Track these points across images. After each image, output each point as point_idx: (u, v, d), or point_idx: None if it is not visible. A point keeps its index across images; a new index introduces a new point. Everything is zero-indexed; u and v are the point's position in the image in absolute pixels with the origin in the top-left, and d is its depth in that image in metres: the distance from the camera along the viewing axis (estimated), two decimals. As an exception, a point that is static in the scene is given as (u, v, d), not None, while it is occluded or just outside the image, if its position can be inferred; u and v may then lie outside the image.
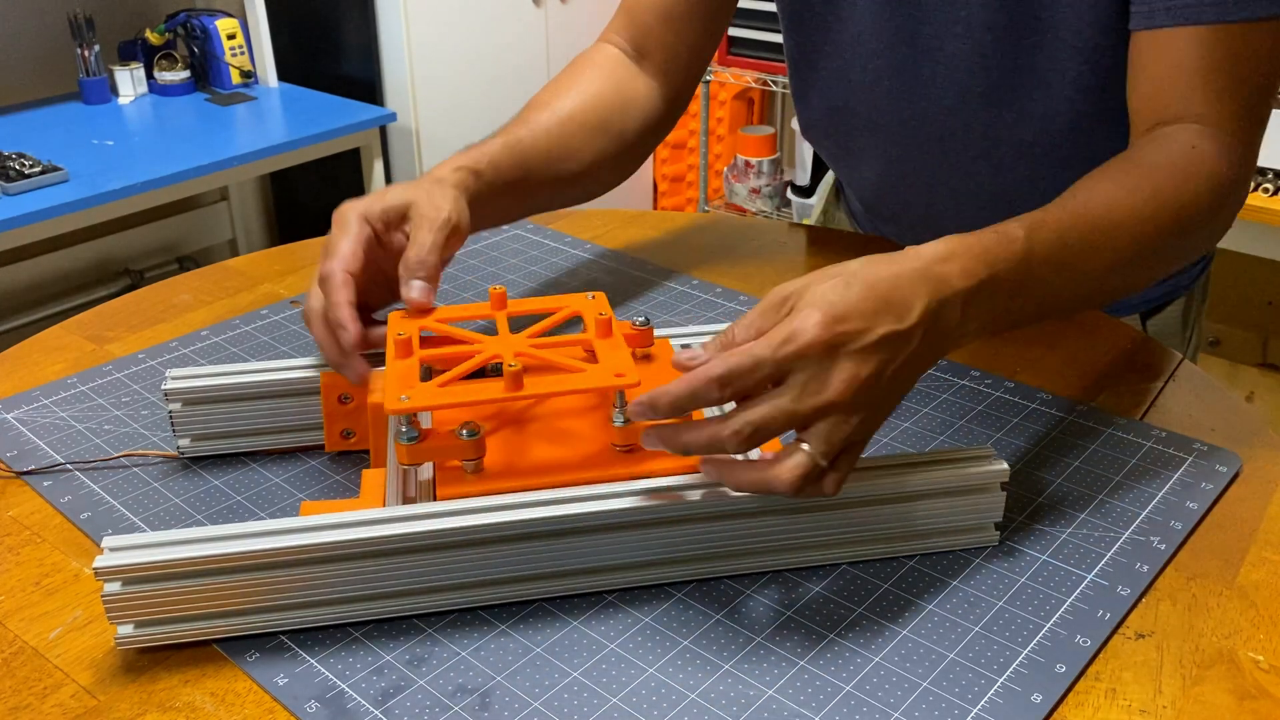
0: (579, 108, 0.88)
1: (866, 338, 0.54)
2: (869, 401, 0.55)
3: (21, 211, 1.86)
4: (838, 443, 0.55)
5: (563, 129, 0.86)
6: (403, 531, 0.56)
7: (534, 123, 0.86)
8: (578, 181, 0.89)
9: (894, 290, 0.56)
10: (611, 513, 0.58)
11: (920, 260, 0.58)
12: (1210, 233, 0.76)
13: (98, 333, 0.89)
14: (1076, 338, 0.87)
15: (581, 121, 0.88)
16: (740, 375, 0.54)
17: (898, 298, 0.56)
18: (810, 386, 0.54)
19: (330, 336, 0.68)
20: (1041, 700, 0.53)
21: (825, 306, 0.54)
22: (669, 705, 0.53)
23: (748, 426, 0.54)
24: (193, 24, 2.47)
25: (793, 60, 1.00)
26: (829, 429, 0.54)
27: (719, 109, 3.10)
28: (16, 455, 0.72)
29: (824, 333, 0.53)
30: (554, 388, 0.61)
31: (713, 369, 0.54)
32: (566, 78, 0.92)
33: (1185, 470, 0.70)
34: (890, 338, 0.55)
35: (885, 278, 0.56)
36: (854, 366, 0.54)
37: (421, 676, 0.55)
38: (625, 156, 0.92)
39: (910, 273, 0.57)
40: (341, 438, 0.71)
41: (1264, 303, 2.49)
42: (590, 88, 0.90)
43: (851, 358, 0.54)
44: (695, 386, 0.55)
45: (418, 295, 0.68)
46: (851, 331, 0.54)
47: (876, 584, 0.61)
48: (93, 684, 0.55)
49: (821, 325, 0.53)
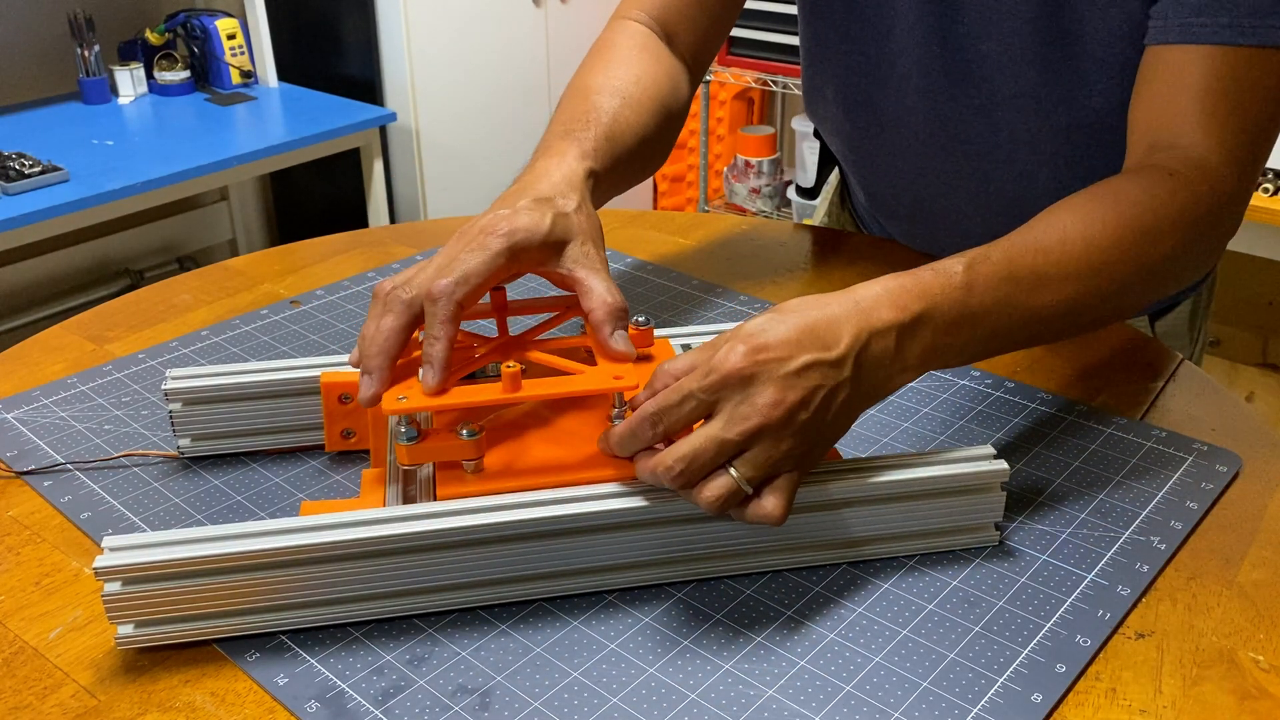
0: (633, 84, 0.84)
1: (789, 364, 0.56)
2: (800, 429, 0.56)
3: (21, 211, 1.86)
4: (764, 466, 0.56)
5: (626, 109, 0.81)
6: (403, 531, 0.56)
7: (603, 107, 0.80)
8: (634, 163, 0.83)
9: (820, 323, 0.58)
10: (611, 513, 0.58)
11: (852, 298, 0.59)
12: (1192, 262, 0.74)
13: (98, 333, 0.89)
14: (1077, 338, 0.87)
15: (636, 100, 0.83)
16: (669, 410, 0.57)
17: (824, 329, 0.57)
18: (738, 413, 0.55)
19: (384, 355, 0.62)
20: (1041, 700, 0.53)
21: (747, 338, 0.56)
22: (669, 705, 0.53)
23: (680, 461, 0.56)
24: (193, 24, 2.47)
25: (808, 52, 0.99)
26: (756, 453, 0.56)
27: (719, 109, 3.10)
28: (16, 455, 0.72)
29: (745, 361, 0.55)
30: (552, 389, 0.61)
31: (646, 408, 0.57)
32: (609, 52, 0.87)
33: (1185, 470, 0.70)
34: (814, 365, 0.56)
35: (814, 313, 0.58)
36: (777, 391, 0.55)
37: (421, 676, 0.55)
38: (670, 133, 0.88)
39: (841, 309, 0.58)
40: (341, 438, 0.71)
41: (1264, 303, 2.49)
42: (643, 69, 0.86)
43: (775, 383, 0.55)
44: (634, 427, 0.58)
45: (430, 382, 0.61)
46: (773, 359, 0.56)
47: (876, 584, 0.61)
48: (93, 684, 0.55)
49: (743, 355, 0.56)
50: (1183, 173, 0.70)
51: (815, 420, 0.57)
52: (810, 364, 0.56)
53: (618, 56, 0.86)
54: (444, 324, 0.61)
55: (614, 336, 0.64)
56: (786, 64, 2.67)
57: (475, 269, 0.62)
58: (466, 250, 0.63)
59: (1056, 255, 0.65)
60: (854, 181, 1.09)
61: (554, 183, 0.70)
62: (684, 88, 0.90)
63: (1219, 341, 2.57)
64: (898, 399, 0.78)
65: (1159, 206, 0.69)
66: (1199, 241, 0.72)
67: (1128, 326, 0.89)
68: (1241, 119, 0.71)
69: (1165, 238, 0.69)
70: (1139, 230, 0.67)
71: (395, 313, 0.62)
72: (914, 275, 0.61)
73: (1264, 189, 1.99)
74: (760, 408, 0.55)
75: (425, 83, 2.57)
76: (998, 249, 0.65)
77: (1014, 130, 0.88)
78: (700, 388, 0.56)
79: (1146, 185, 0.70)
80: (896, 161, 0.97)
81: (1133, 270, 0.68)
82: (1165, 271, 0.71)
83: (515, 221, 0.64)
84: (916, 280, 0.61)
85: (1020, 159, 0.89)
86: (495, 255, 0.63)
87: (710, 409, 0.56)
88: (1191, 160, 0.71)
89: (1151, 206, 0.68)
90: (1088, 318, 0.69)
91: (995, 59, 0.86)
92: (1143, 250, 0.68)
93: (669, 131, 0.87)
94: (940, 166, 0.94)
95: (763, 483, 0.57)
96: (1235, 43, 0.70)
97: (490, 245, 0.63)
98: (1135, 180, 0.70)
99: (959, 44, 0.87)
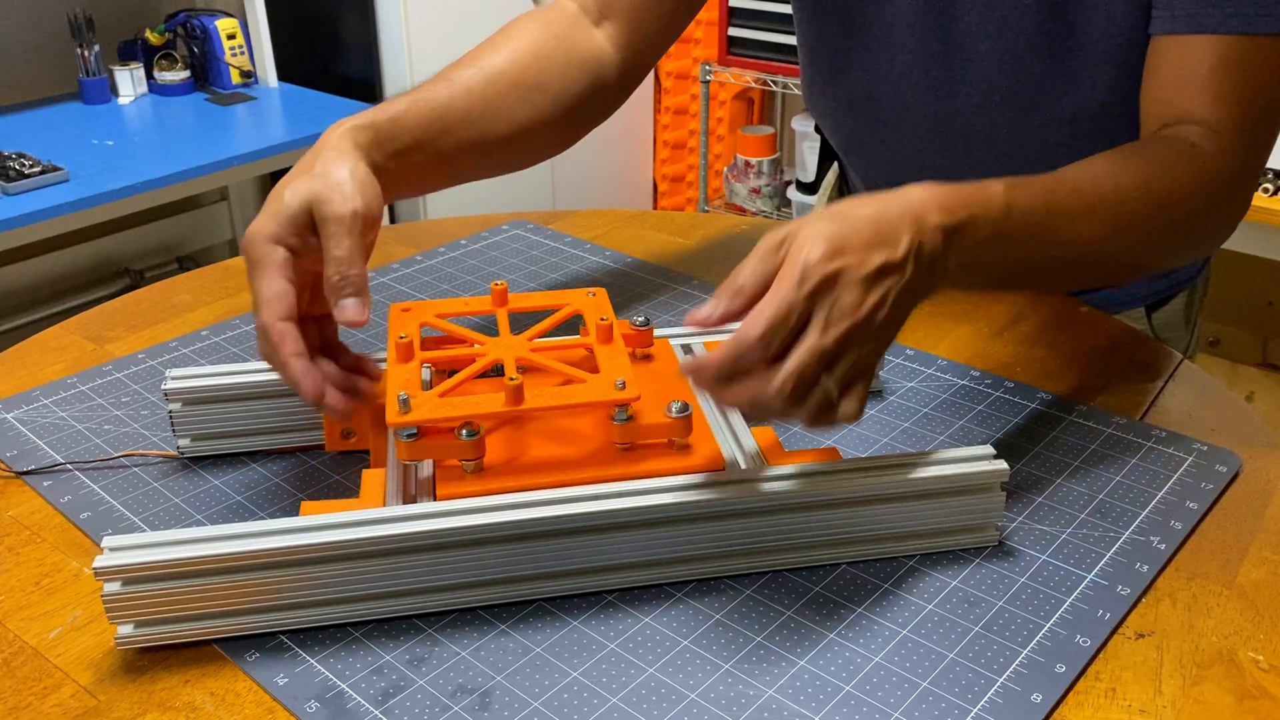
0: (511, 64, 0.80)
1: (867, 266, 0.56)
2: (877, 331, 0.57)
3: (21, 211, 1.85)
4: (850, 371, 0.56)
5: (490, 86, 0.78)
6: (403, 531, 0.56)
7: (455, 79, 0.77)
8: (509, 145, 0.81)
9: (883, 222, 0.58)
10: (611, 513, 0.58)
11: (903, 199, 0.59)
12: (1205, 233, 0.77)
13: (98, 333, 0.89)
14: (1076, 338, 0.87)
15: (513, 79, 0.79)
16: (780, 326, 0.54)
17: (886, 229, 0.57)
18: (831, 317, 0.55)
19: (300, 384, 0.62)
20: (1041, 700, 0.53)
21: (824, 242, 0.55)
22: (669, 705, 0.53)
23: (790, 379, 0.54)
24: (193, 24, 2.47)
25: (811, 48, 0.99)
26: (845, 360, 0.56)
27: (719, 109, 3.09)
28: (16, 455, 0.72)
29: (830, 264, 0.55)
30: (554, 401, 0.61)
31: (752, 330, 0.54)
32: (504, 32, 0.84)
33: (1185, 470, 0.70)
34: (886, 268, 0.57)
35: (874, 210, 0.58)
36: (862, 294, 0.55)
37: (421, 676, 0.55)
38: (566, 121, 0.84)
39: (896, 209, 0.59)
40: (341, 438, 0.71)
41: (1264, 303, 2.49)
42: (527, 43, 0.82)
43: (858, 285, 0.55)
44: (740, 351, 0.54)
45: (351, 315, 0.62)
46: (853, 262, 0.56)
47: (876, 584, 0.61)
48: (93, 684, 0.55)
49: (826, 257, 0.55)
50: (1202, 146, 0.73)
51: (889, 321, 0.57)
52: (884, 265, 0.56)
53: (504, 33, 0.83)
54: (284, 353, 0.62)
55: (337, 307, 0.62)
56: (786, 64, 2.67)
57: (263, 288, 0.63)
58: (250, 278, 0.64)
59: (1089, 196, 0.67)
60: (854, 176, 1.09)
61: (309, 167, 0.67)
62: (596, 71, 0.85)
63: (1219, 341, 2.57)
64: (898, 399, 0.78)
65: (1180, 171, 0.71)
66: (1215, 212, 0.75)
67: (1128, 326, 0.89)
68: (1250, 103, 0.74)
69: (1186, 200, 0.71)
70: (1164, 188, 0.70)
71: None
72: (958, 187, 0.61)
73: (1264, 189, 1.99)
74: (849, 311, 0.55)
75: (425, 83, 2.57)
76: (1037, 181, 0.66)
77: (1015, 125, 0.89)
78: (803, 294, 0.55)
79: (1172, 152, 0.72)
80: (897, 157, 0.97)
81: (1155, 224, 0.70)
82: (1182, 235, 0.74)
83: (259, 224, 0.64)
84: (960, 190, 0.61)
85: (1021, 153, 0.90)
86: (263, 260, 0.63)
87: (805, 320, 0.55)
88: (1208, 135, 0.73)
89: (1174, 169, 0.71)
90: (1107, 265, 0.72)
91: (996, 56, 0.86)
92: (1166, 207, 0.70)
93: (557, 110, 0.82)
94: (941, 161, 0.94)
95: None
96: (1241, 31, 0.72)
97: (258, 257, 0.63)
98: (1160, 145, 0.73)
99: (959, 42, 0.87)
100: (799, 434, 0.74)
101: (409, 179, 0.74)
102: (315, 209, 0.63)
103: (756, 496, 0.59)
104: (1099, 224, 0.68)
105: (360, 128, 0.69)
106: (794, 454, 0.66)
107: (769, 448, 0.66)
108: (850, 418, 0.57)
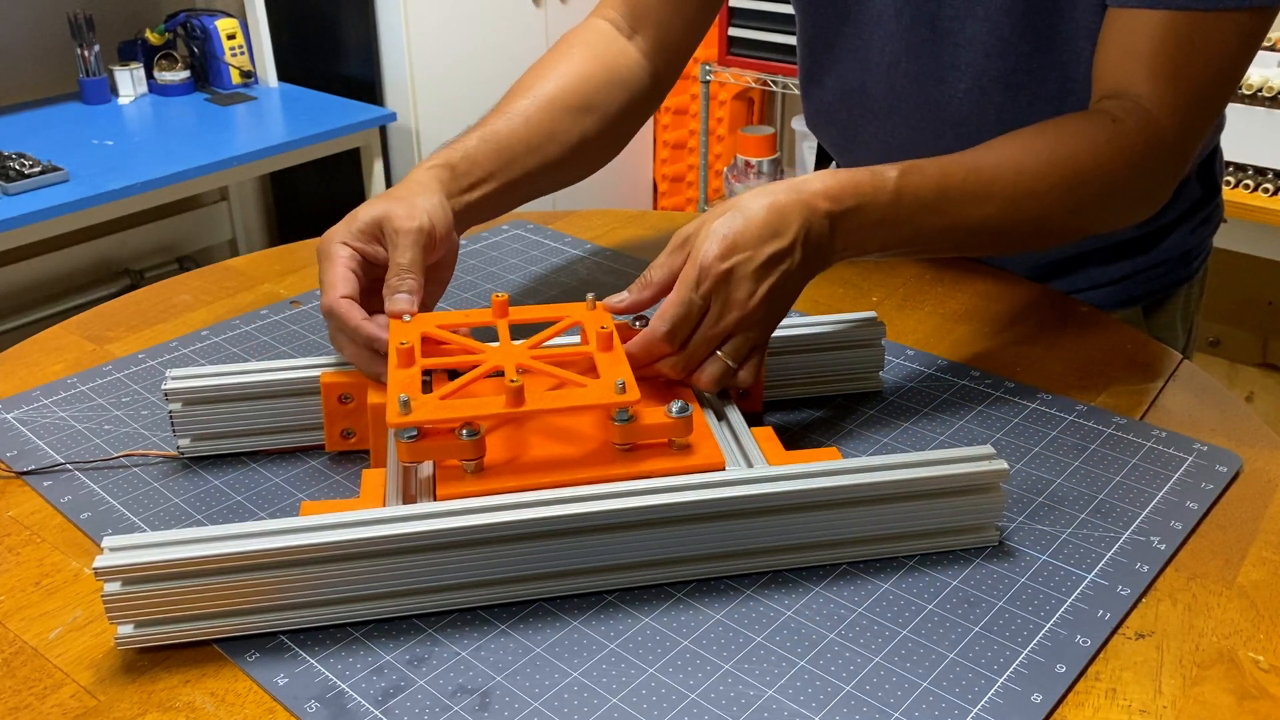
0: (561, 90, 0.87)
1: (757, 260, 0.66)
2: (768, 313, 0.67)
3: (21, 211, 1.86)
4: (745, 347, 0.67)
5: (544, 113, 0.85)
6: (403, 531, 0.56)
7: (513, 111, 0.85)
8: (565, 165, 0.87)
9: (773, 213, 0.67)
10: (611, 513, 0.58)
11: (796, 189, 0.68)
12: (1126, 203, 0.79)
13: (98, 333, 0.89)
14: (1076, 338, 0.87)
15: (564, 104, 0.86)
16: (682, 324, 0.66)
17: (777, 219, 0.67)
18: (723, 311, 0.66)
19: (366, 353, 0.68)
20: (1041, 700, 0.53)
21: (719, 240, 0.66)
22: (669, 705, 0.53)
23: (681, 359, 0.68)
24: (193, 24, 2.47)
25: (807, 43, 1.01)
26: (738, 339, 0.67)
27: (719, 109, 3.10)
28: (16, 455, 0.72)
29: (724, 263, 0.65)
30: (554, 404, 0.61)
31: (659, 327, 0.66)
32: (551, 58, 0.91)
33: (1185, 470, 0.70)
34: (776, 255, 0.66)
35: (766, 201, 0.67)
36: (753, 285, 0.66)
37: (421, 676, 0.55)
38: (610, 135, 0.91)
39: (787, 199, 0.67)
40: (341, 438, 0.71)
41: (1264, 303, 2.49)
42: (574, 67, 0.89)
43: (749, 279, 0.66)
44: (650, 344, 0.67)
45: (401, 306, 0.69)
46: (745, 258, 0.66)
47: (876, 584, 0.61)
48: (93, 684, 0.55)
49: (721, 256, 0.65)
50: (1125, 121, 0.75)
51: (780, 303, 0.68)
52: (773, 255, 0.66)
53: (553, 59, 0.91)
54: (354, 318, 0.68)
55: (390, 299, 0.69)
56: (786, 64, 2.67)
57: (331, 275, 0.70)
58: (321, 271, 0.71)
59: (987, 177, 0.73)
60: None
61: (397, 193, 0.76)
62: (632, 84, 0.92)
63: (1219, 341, 2.57)
64: (898, 399, 0.78)
65: (1095, 148, 0.75)
66: (1130, 186, 0.78)
67: (1127, 326, 0.89)
68: (1188, 79, 0.76)
69: (1096, 178, 0.75)
70: (1072, 168, 0.74)
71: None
72: (852, 174, 0.70)
73: (1264, 189, 1.98)
74: (740, 304, 0.66)
75: (425, 83, 2.57)
76: (934, 164, 0.73)
77: (1004, 108, 0.90)
78: (701, 293, 0.66)
79: (1089, 126, 0.76)
80: (889, 150, 0.98)
81: (1056, 202, 0.75)
82: (1092, 209, 0.77)
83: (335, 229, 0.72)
84: (853, 179, 0.69)
85: None
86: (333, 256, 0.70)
87: (705, 309, 0.66)
88: (1136, 110, 0.76)
89: (1088, 146, 0.75)
90: (1008, 238, 0.77)
91: (981, 40, 0.87)
92: (1071, 186, 0.75)
93: (604, 127, 0.90)
94: (933, 149, 0.94)
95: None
96: (1186, 7, 0.74)
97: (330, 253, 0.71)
98: (1080, 121, 0.76)
99: (946, 28, 0.89)
100: (799, 434, 0.74)
101: (483, 206, 0.82)
102: (385, 224, 0.71)
103: (756, 496, 0.59)
104: (995, 203, 0.73)
105: (438, 166, 0.79)
106: (794, 454, 0.66)
107: (769, 448, 0.66)
108: (746, 383, 0.69)
